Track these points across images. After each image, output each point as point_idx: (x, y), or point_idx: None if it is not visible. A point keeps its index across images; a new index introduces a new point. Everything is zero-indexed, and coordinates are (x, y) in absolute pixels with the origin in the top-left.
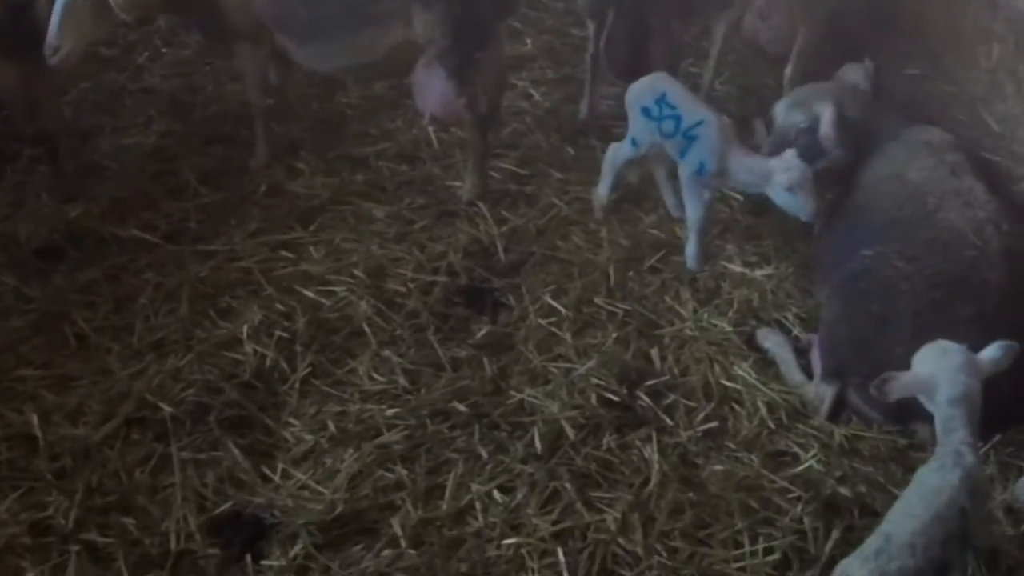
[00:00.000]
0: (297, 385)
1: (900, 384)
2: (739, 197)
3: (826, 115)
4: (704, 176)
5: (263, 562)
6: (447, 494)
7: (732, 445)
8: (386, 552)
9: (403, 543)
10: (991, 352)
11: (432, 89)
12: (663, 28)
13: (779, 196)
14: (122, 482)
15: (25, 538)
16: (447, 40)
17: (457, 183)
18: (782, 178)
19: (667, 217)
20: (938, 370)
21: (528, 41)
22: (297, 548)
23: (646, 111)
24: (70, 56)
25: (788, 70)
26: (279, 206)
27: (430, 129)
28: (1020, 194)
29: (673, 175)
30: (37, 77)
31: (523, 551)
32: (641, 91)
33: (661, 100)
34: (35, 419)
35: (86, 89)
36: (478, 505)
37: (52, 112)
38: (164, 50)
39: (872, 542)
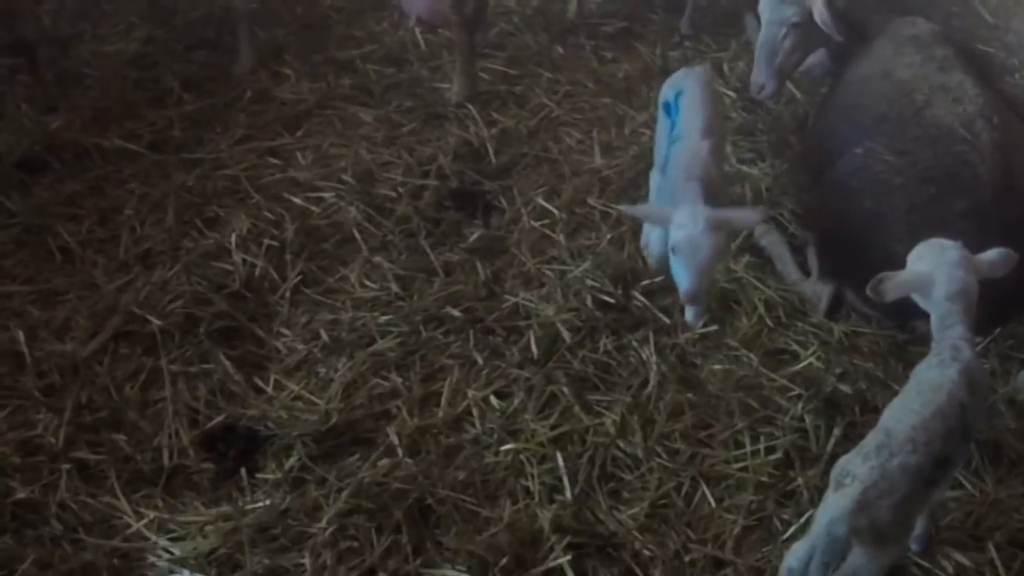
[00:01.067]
0: (288, 294)
1: (896, 283)
2: (732, 94)
3: (817, 2)
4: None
5: (258, 475)
6: (443, 401)
7: (731, 344)
8: (383, 461)
9: (400, 452)
10: (989, 255)
11: None
12: None
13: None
14: (112, 398)
15: (15, 457)
16: None
17: (445, 85)
18: (671, 234)
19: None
20: (935, 267)
21: None
22: (292, 460)
23: (666, 107)
24: None
25: None
26: (265, 112)
27: (416, 31)
28: (1014, 85)
29: None
30: None
31: (522, 457)
32: (668, 85)
33: (677, 98)
34: (21, 336)
35: None
36: (475, 411)
37: (30, 20)
38: None
39: (872, 438)
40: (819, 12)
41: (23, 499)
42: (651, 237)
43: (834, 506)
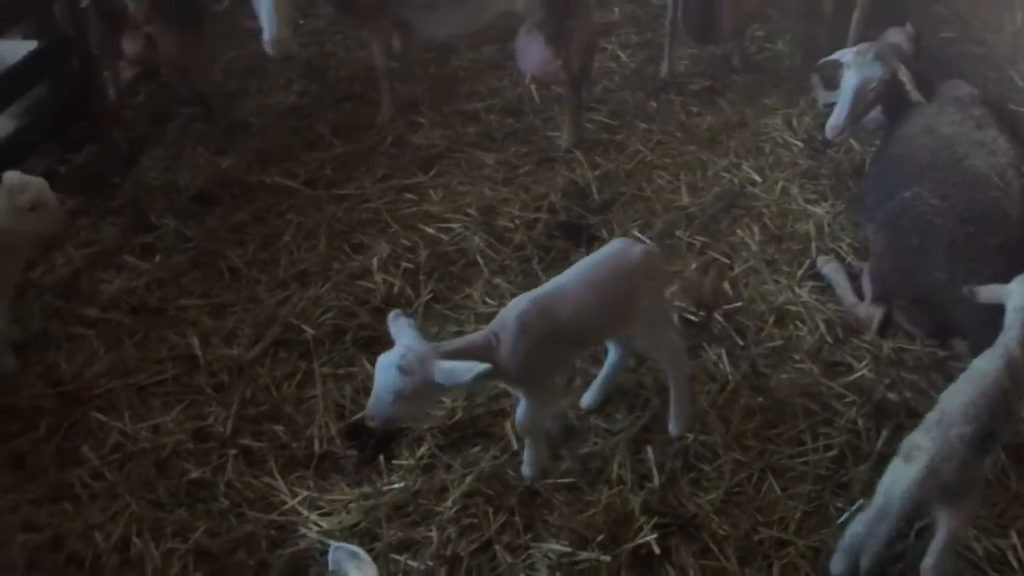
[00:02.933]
0: (420, 309)
1: (986, 291)
2: (799, 143)
3: (901, 67)
4: None
5: (394, 461)
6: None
7: (796, 356)
8: (499, 452)
9: (514, 443)
10: None
11: (532, 53)
12: None
13: None
14: (272, 394)
15: (189, 444)
16: (543, 11)
17: (556, 133)
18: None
19: (737, 162)
20: (1017, 285)
21: (615, 10)
22: (423, 449)
23: None
24: (288, 44)
25: (852, 27)
26: (402, 155)
27: (532, 87)
28: None
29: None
30: (193, 45)
31: (616, 449)
32: None
33: None
34: (196, 341)
35: (234, 56)
36: (578, 410)
37: (205, 76)
38: (301, 21)
39: (931, 416)
40: (904, 74)
41: (196, 479)
42: None
43: (907, 474)
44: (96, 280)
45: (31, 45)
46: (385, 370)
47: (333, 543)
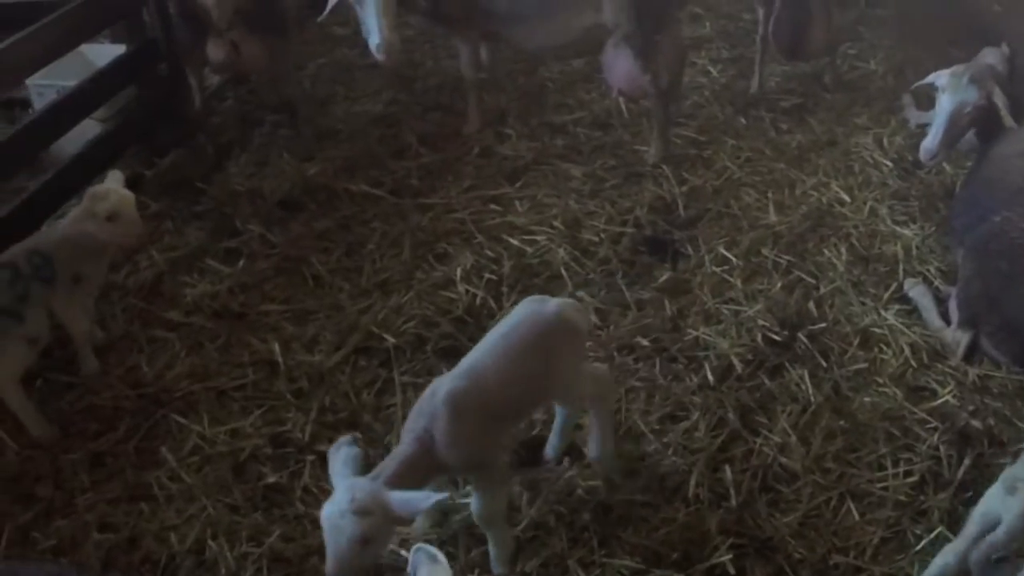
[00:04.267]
0: None
1: None
2: (889, 163)
3: (997, 90)
4: None
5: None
6: (628, 417)
7: (879, 380)
8: (571, 467)
9: (588, 457)
10: None
11: (620, 67)
12: (823, 13)
13: None
14: (351, 402)
15: (267, 448)
16: (632, 24)
17: (644, 147)
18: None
19: (825, 182)
20: None
21: (707, 24)
22: None
23: None
24: (397, 46)
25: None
26: (489, 166)
27: (620, 101)
28: None
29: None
30: (281, 52)
31: (693, 468)
32: None
33: None
34: (277, 347)
35: (322, 64)
36: (656, 427)
37: (293, 83)
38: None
39: None
40: (999, 97)
41: (273, 483)
42: None
43: (1012, 507)
44: (179, 284)
45: (119, 49)
46: (339, 519)
47: (416, 544)
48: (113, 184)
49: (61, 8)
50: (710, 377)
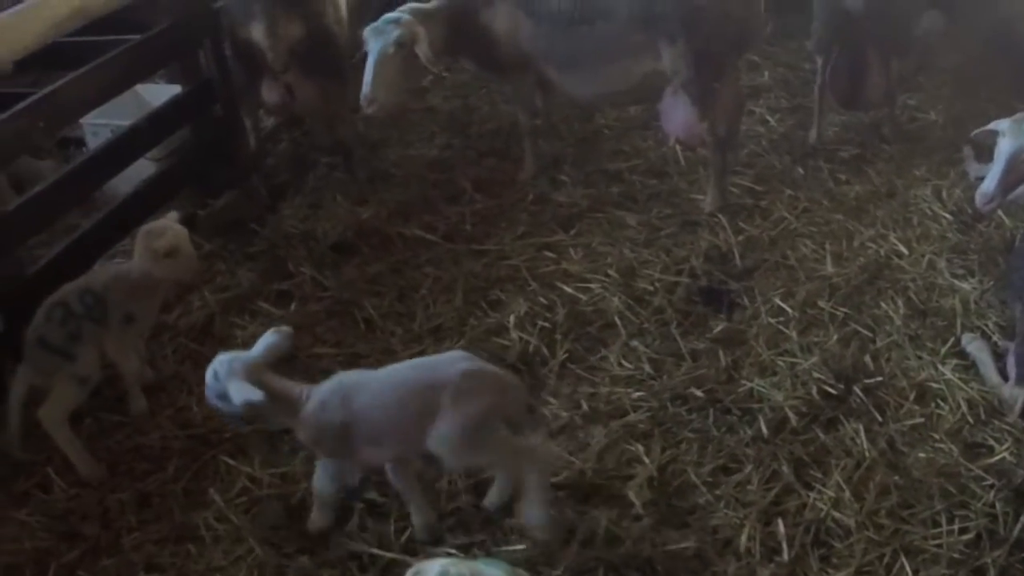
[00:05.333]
0: (556, 368)
1: None
2: (949, 216)
3: None
4: None
5: (509, 520)
6: (680, 469)
7: (935, 436)
8: (617, 516)
9: (639, 509)
10: None
11: (677, 114)
12: (882, 64)
13: None
14: None
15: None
16: (690, 71)
17: (700, 196)
18: None
19: (884, 233)
20: None
21: (765, 73)
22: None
23: None
24: (384, 106)
25: None
26: (543, 212)
27: (676, 148)
28: None
29: None
30: (335, 95)
31: (745, 521)
32: None
33: None
34: None
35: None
36: (708, 479)
37: (347, 126)
38: (445, 75)
39: None
40: None
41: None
42: None
43: None
44: (230, 325)
45: (175, 89)
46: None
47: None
48: (169, 221)
49: (117, 48)
50: (764, 429)
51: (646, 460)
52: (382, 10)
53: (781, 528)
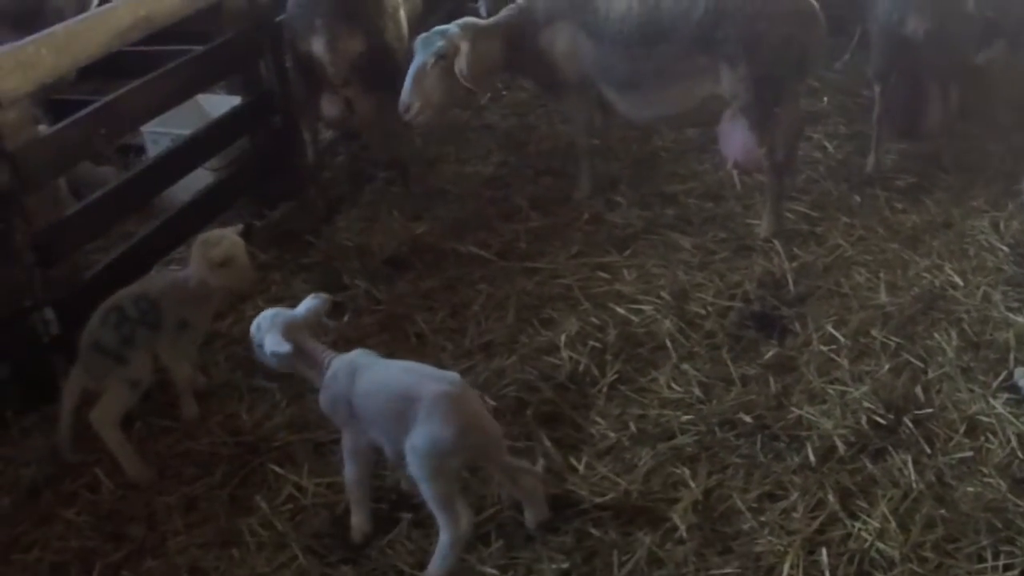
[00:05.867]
0: (605, 389)
1: None
2: (1005, 248)
3: None
4: None
5: (551, 538)
6: (726, 494)
7: (984, 470)
8: (660, 539)
9: (683, 533)
10: None
11: (736, 139)
12: (941, 93)
13: None
14: None
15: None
16: (749, 96)
17: (755, 221)
18: None
19: (939, 264)
20: None
21: (824, 99)
22: (582, 523)
23: None
24: (421, 114)
25: None
26: (598, 232)
27: (733, 173)
28: None
29: None
30: (394, 111)
31: (789, 549)
32: None
33: None
34: None
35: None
36: (753, 505)
37: (404, 141)
38: (504, 92)
39: None
40: None
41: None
42: None
43: None
44: None
45: (235, 100)
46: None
47: None
48: (227, 231)
49: (178, 58)
50: (811, 457)
51: (692, 484)
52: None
53: (825, 557)
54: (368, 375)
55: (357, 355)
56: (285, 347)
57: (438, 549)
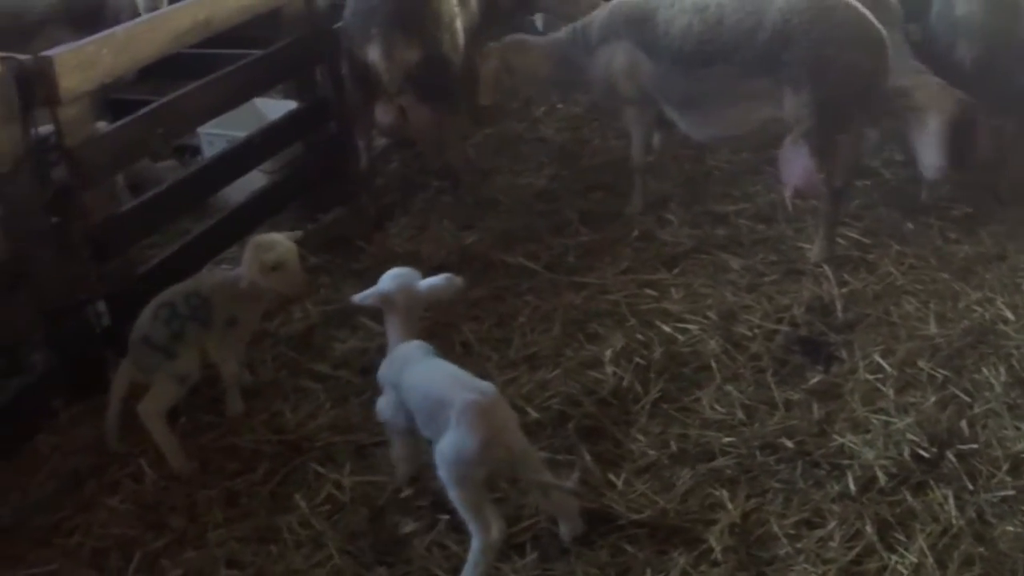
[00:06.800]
0: (647, 407)
1: None
2: None
3: None
4: None
5: (585, 551)
6: (763, 518)
7: None
8: (695, 560)
9: (718, 555)
10: None
11: (796, 164)
12: (992, 122)
13: None
14: None
15: (400, 504)
16: (812, 121)
17: (806, 244)
18: None
19: (991, 297)
20: None
21: (880, 125)
22: (623, 543)
23: None
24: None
25: None
26: (648, 250)
27: (786, 195)
28: None
29: None
30: (448, 122)
31: None
32: None
33: None
34: None
35: (489, 134)
36: (790, 531)
37: (458, 151)
38: (559, 106)
39: None
40: None
41: (403, 539)
42: None
43: None
44: (330, 338)
45: (291, 105)
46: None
47: None
48: (281, 236)
49: (235, 61)
50: (851, 487)
51: (729, 506)
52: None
53: None
54: (413, 370)
55: (414, 348)
56: (367, 300)
57: (470, 555)
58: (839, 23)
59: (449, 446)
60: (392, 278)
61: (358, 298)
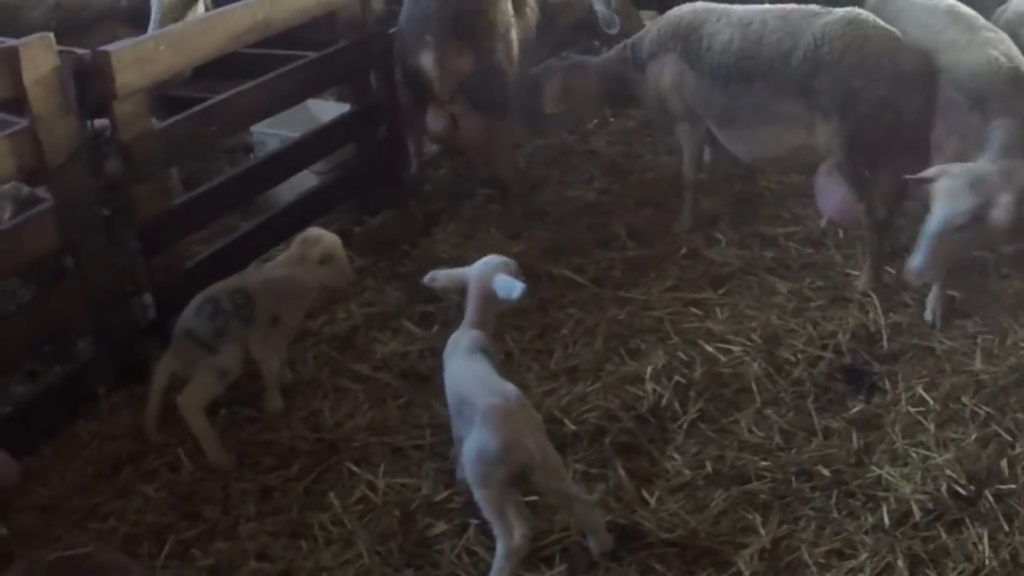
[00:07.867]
0: (685, 426)
1: None
2: None
3: None
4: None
5: (611, 567)
6: (794, 546)
7: None
8: None
9: None
10: None
11: (832, 194)
12: None
13: None
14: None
15: (432, 507)
16: (842, 152)
17: (855, 272)
18: None
19: None
20: None
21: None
22: (652, 561)
23: None
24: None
25: None
26: (694, 268)
27: (821, 224)
28: None
29: None
30: (499, 131)
31: None
32: None
33: None
34: None
35: (540, 146)
36: (821, 560)
37: (508, 161)
38: (611, 120)
39: None
40: None
41: (432, 542)
42: None
43: None
44: (372, 339)
45: (343, 108)
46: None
47: None
48: (324, 230)
49: (289, 63)
50: (886, 519)
51: (761, 531)
52: (558, 49)
53: None
54: (452, 363)
55: (467, 337)
56: (436, 282)
57: (495, 560)
58: (870, 54)
59: (472, 446)
60: (481, 264)
61: (440, 274)
